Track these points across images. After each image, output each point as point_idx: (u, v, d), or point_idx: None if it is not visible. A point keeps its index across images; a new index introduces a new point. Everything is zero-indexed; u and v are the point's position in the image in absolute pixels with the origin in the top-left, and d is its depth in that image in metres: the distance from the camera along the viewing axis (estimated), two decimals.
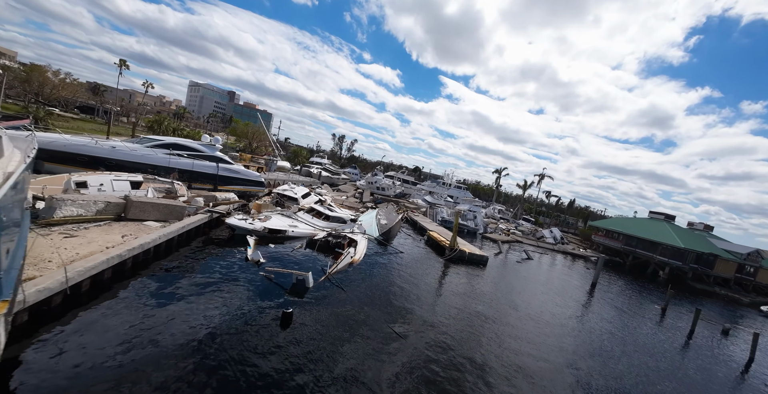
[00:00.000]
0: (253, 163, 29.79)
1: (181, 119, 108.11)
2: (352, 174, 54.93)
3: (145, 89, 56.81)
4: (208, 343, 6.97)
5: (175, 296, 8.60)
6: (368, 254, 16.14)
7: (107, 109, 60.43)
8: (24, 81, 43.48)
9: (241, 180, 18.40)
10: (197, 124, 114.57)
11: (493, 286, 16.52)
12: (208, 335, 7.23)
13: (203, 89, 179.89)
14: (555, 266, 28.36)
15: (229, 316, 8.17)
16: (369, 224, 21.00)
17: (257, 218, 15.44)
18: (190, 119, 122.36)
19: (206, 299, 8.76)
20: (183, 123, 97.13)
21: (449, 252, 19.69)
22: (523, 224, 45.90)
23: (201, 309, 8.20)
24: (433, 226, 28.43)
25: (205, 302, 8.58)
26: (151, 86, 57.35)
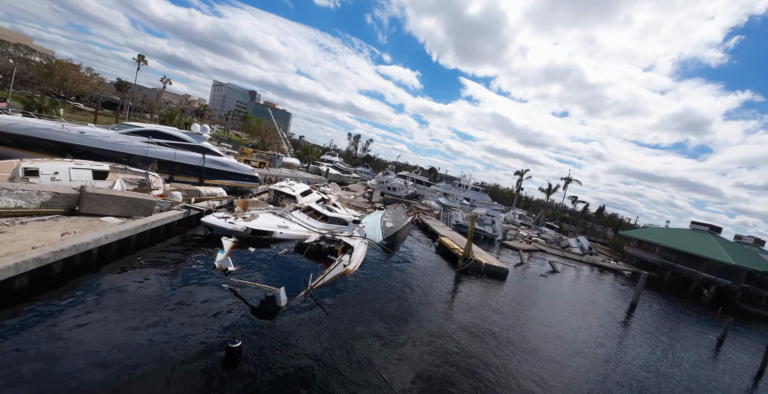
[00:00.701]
0: (255, 158, 28.20)
1: (201, 117, 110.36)
2: (363, 173, 52.85)
3: (163, 85, 57.14)
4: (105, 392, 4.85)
5: (98, 314, 6.58)
6: (367, 262, 13.82)
7: (130, 105, 61.55)
8: (46, 75, 44.29)
9: (231, 174, 16.55)
10: (217, 121, 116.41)
11: (515, 306, 13.77)
12: (112, 377, 5.11)
13: (226, 89, 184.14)
14: (584, 280, 24.97)
15: (159, 347, 6.05)
16: (372, 226, 18.69)
17: (241, 216, 13.45)
18: (212, 117, 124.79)
19: (138, 321, 6.69)
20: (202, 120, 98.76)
21: (462, 262, 17.05)
22: (547, 231, 42.19)
23: (124, 336, 6.13)
24: (446, 230, 25.76)
25: (135, 326, 6.52)
26: (169, 82, 57.62)
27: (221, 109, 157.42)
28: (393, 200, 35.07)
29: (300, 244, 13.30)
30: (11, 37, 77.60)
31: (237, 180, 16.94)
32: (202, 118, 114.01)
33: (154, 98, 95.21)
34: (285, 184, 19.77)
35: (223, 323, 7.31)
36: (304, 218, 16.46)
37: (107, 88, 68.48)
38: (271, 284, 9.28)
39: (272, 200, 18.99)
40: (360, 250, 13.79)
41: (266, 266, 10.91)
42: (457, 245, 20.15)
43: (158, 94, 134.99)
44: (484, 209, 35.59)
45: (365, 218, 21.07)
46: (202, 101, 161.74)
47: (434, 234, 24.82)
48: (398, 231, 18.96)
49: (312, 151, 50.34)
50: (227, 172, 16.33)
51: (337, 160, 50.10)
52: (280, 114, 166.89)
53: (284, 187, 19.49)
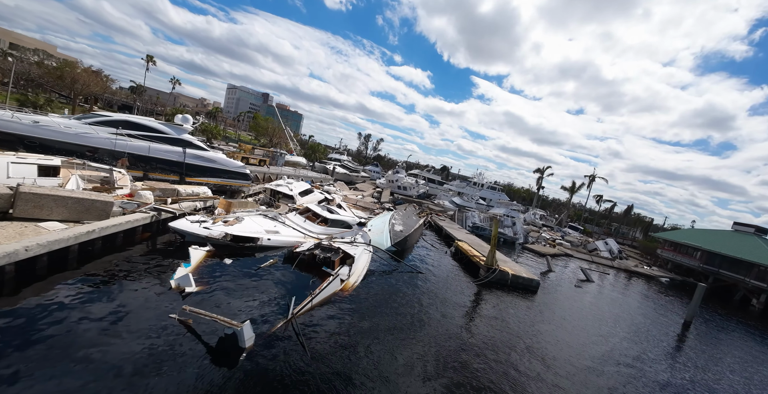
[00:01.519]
0: (254, 156, 26.24)
1: (214, 118, 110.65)
2: (372, 172, 50.45)
3: (173, 85, 56.46)
4: None
5: None
6: (371, 274, 11.35)
7: (146, 108, 61.54)
8: (58, 77, 43.99)
9: (218, 171, 14.42)
10: (231, 123, 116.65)
11: (553, 329, 11.00)
12: None
13: (239, 91, 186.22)
14: (621, 290, 21.70)
15: None
16: (379, 230, 16.20)
17: (222, 219, 11.23)
18: (225, 119, 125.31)
19: (27, 377, 4.43)
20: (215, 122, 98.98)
21: (485, 273, 14.34)
22: (570, 233, 38.64)
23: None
24: (462, 233, 23.01)
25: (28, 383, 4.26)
26: (178, 83, 56.94)
27: (235, 111, 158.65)
28: (403, 200, 32.51)
29: (290, 253, 10.96)
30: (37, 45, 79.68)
31: (225, 178, 14.81)
32: (216, 120, 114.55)
33: (170, 102, 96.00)
34: (282, 183, 17.57)
35: (161, 373, 4.99)
36: (299, 220, 14.16)
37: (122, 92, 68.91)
38: (239, 313, 6.94)
39: (268, 200, 16.80)
40: (362, 260, 11.33)
41: (242, 283, 8.59)
42: (476, 251, 17.42)
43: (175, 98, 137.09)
44: (503, 209, 32.54)
45: (372, 220, 18.61)
46: (217, 104, 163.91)
47: (449, 238, 22.14)
48: (409, 235, 16.42)
49: (319, 149, 48.34)
50: (213, 168, 14.21)
51: (345, 158, 47.90)
52: (293, 115, 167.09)
53: (281, 186, 17.29)
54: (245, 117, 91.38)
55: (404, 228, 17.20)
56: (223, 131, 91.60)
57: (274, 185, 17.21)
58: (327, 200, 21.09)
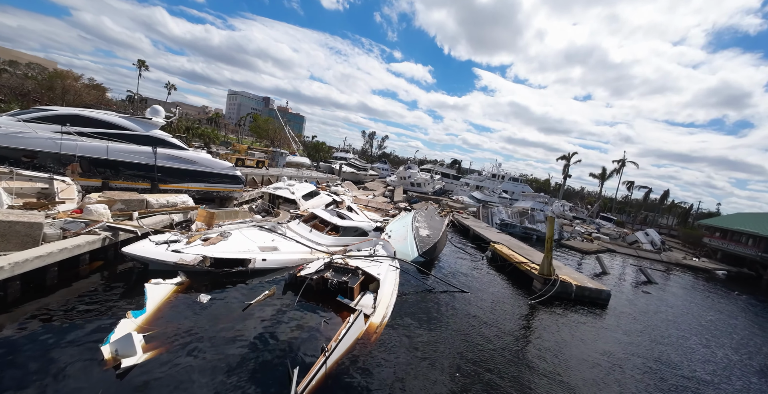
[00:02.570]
0: (250, 157, 23.53)
1: (216, 124, 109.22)
2: (381, 169, 47.53)
3: (168, 91, 54.47)
4: None
5: None
6: (401, 298, 8.47)
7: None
8: (48, 88, 42.28)
9: (201, 174, 11.71)
10: (233, 129, 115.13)
11: (648, 360, 7.93)
12: None
13: (240, 97, 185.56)
14: (690, 290, 18.33)
15: None
16: (402, 236, 13.35)
17: (201, 236, 8.49)
18: (227, 125, 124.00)
19: None
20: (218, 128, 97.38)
21: (542, 286, 11.32)
22: (605, 225, 35.12)
23: None
24: (493, 233, 19.96)
25: None
26: (174, 88, 54.91)
27: (237, 117, 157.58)
28: (418, 198, 29.55)
29: (292, 278, 8.15)
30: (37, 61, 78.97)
31: (210, 182, 12.10)
32: (217, 126, 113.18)
33: (174, 111, 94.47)
34: (282, 185, 14.83)
35: None
36: (304, 231, 11.38)
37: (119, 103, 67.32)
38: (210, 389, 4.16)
39: (266, 207, 14.06)
40: (389, 282, 8.46)
41: (220, 337, 5.79)
42: (520, 255, 14.39)
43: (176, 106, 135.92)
44: (529, 203, 29.32)
45: (390, 224, 15.73)
46: (219, 111, 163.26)
47: (479, 239, 19.12)
48: (438, 241, 13.50)
49: (323, 148, 45.61)
50: (194, 171, 11.50)
51: (351, 156, 45.09)
52: (295, 118, 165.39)
53: (280, 188, 14.54)
54: (246, 121, 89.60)
55: (431, 232, 14.28)
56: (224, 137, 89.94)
57: (272, 189, 14.48)
58: (335, 202, 18.29)
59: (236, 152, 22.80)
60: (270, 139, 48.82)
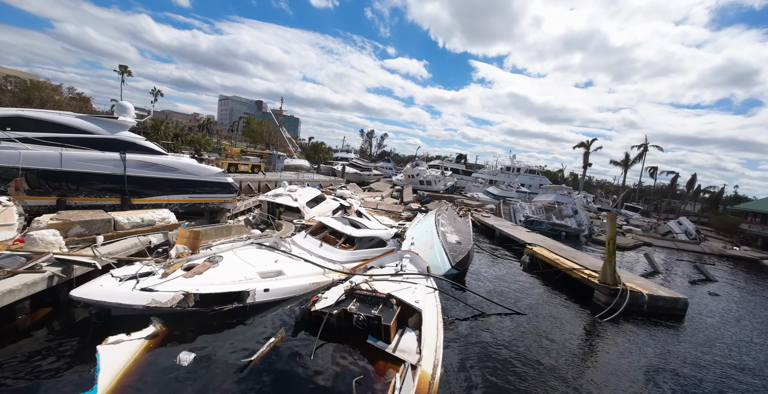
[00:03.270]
0: (244, 161, 21.70)
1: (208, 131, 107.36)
2: (385, 168, 45.70)
3: (154, 97, 52.81)
4: None
5: None
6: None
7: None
8: (25, 101, 40.66)
9: (183, 183, 9.88)
10: (226, 136, 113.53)
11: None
12: None
13: (232, 102, 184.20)
14: (754, 286, 16.42)
15: None
16: (427, 244, 11.56)
17: (183, 264, 6.67)
18: (220, 132, 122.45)
19: None
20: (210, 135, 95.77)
21: (607, 297, 9.48)
22: (632, 216, 33.22)
23: None
24: (522, 232, 18.11)
25: None
26: (160, 94, 53.27)
27: (229, 122, 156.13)
28: (430, 198, 27.70)
29: (305, 313, 6.32)
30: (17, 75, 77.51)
31: (196, 192, 10.26)
32: (209, 132, 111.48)
33: (165, 119, 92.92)
34: (282, 191, 13.01)
35: None
36: (313, 245, 9.57)
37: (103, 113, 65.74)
38: None
39: (265, 218, 12.24)
40: (431, 312, 6.62)
41: None
42: (568, 259, 12.55)
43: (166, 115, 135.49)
44: (551, 196, 27.43)
45: (410, 230, 13.94)
46: (210, 117, 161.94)
47: (507, 240, 17.27)
48: (471, 248, 11.67)
49: (322, 149, 43.80)
50: (175, 180, 9.67)
51: (353, 156, 43.23)
52: (290, 120, 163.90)
53: (281, 195, 12.72)
54: (239, 125, 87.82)
55: (461, 238, 12.45)
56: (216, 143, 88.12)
57: (271, 196, 12.66)
58: (343, 208, 16.49)
59: (228, 157, 21.04)
60: (265, 143, 47.10)
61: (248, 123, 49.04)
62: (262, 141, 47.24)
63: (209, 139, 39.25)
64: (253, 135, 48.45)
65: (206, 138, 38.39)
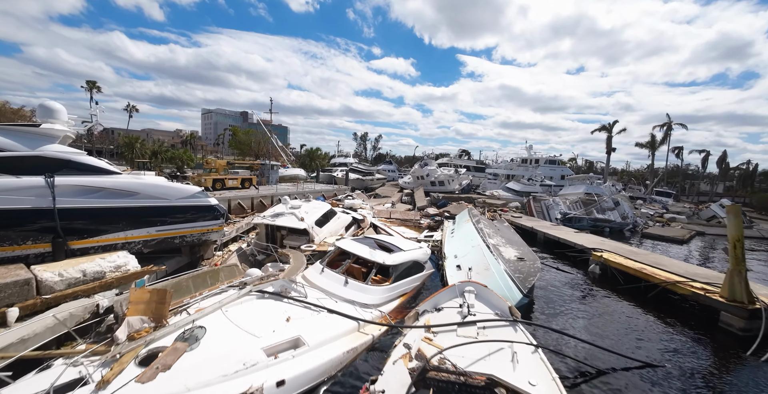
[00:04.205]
0: (232, 175, 18.99)
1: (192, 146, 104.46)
2: (387, 171, 43.26)
3: (129, 114, 50.17)
4: None
5: None
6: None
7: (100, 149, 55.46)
8: None
9: (148, 211, 7.29)
10: (212, 150, 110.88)
11: None
12: None
13: (215, 115, 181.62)
14: None
15: None
16: (480, 264, 9.13)
17: (137, 353, 4.08)
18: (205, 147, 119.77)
19: None
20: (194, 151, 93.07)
21: (744, 322, 7.03)
22: (668, 202, 31.03)
23: None
24: (571, 234, 15.67)
25: None
26: (136, 110, 50.65)
27: (214, 137, 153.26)
28: (446, 199, 25.26)
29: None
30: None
31: (167, 223, 7.68)
32: (194, 148, 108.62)
33: (144, 138, 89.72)
34: (283, 210, 10.46)
35: None
36: (335, 283, 7.10)
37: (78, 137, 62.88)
38: None
39: (264, 246, 9.67)
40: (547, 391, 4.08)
41: None
42: (659, 268, 10.08)
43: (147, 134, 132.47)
44: (581, 188, 25.14)
45: (447, 244, 11.48)
46: (194, 133, 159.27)
47: (556, 245, 14.79)
48: (539, 266, 9.21)
49: (318, 156, 41.26)
50: (135, 209, 7.09)
51: (353, 161, 40.75)
52: (278, 129, 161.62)
53: (282, 215, 10.16)
54: (224, 138, 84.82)
55: (520, 251, 10.02)
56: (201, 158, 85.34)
57: (270, 217, 10.09)
58: (356, 222, 14.01)
59: (212, 172, 18.28)
60: (255, 154, 44.53)
61: (234, 134, 46.37)
62: (251, 152, 44.64)
63: (192, 155, 36.62)
64: (241, 147, 45.83)
65: (189, 153, 35.78)
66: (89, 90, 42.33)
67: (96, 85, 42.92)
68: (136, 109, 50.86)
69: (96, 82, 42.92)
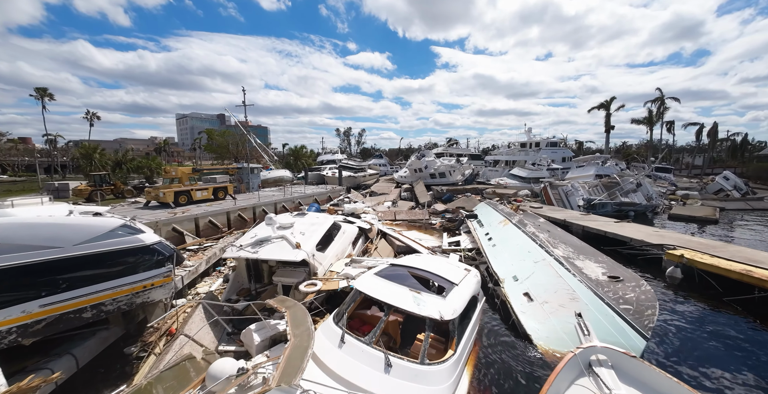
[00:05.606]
0: (202, 185, 15.01)
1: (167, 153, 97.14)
2: (379, 166, 39.94)
3: (89, 121, 44.52)
4: None
5: None
6: None
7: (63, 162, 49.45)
8: None
9: (20, 274, 3.95)
10: (189, 156, 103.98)
11: None
12: None
13: (191, 119, 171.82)
14: None
15: None
16: (561, 291, 6.21)
17: None
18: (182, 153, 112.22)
19: None
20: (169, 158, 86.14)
21: None
22: (671, 178, 29.33)
23: None
24: (615, 225, 13.05)
25: None
26: (96, 117, 45.08)
27: (191, 142, 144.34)
28: (451, 193, 22.40)
29: None
30: None
31: (61, 289, 4.30)
32: (169, 155, 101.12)
33: (113, 149, 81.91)
34: (269, 234, 7.13)
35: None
36: (370, 373, 3.89)
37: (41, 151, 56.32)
38: None
39: (246, 291, 6.41)
40: None
41: None
42: (757, 266, 7.50)
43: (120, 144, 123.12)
44: (591, 169, 22.85)
45: (492, 259, 8.58)
46: (169, 139, 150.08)
47: (600, 239, 12.10)
48: (646, 294, 6.39)
49: (303, 154, 37.32)
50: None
51: (342, 157, 37.15)
52: (257, 130, 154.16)
53: (267, 242, 6.88)
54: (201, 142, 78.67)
55: (607, 266, 7.16)
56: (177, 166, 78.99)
57: (250, 248, 6.77)
58: (363, 233, 10.87)
59: (174, 182, 14.16)
60: (234, 157, 40.13)
61: (210, 136, 41.60)
62: (231, 155, 40.23)
63: (161, 162, 32.16)
64: (219, 150, 41.25)
65: (157, 161, 31.32)
66: (40, 98, 36.66)
67: (48, 93, 37.24)
68: (97, 117, 45.18)
69: (47, 90, 37.22)
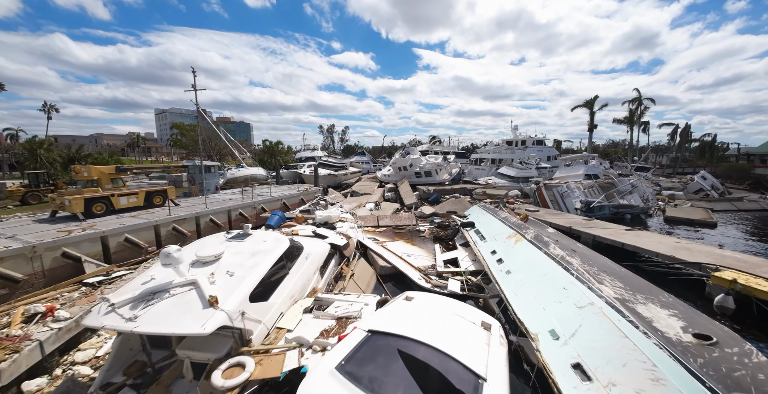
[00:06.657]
0: (131, 190, 11.41)
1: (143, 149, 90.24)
2: (362, 163, 37.15)
3: (47, 114, 39.05)
4: None
5: None
6: None
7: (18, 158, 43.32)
8: None
9: None
10: (167, 152, 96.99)
11: None
12: None
13: (171, 115, 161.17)
14: None
15: None
16: (629, 365, 3.72)
17: None
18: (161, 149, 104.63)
19: None
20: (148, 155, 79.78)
21: None
22: (651, 178, 28.40)
23: None
24: (627, 234, 11.05)
25: None
26: (55, 109, 39.65)
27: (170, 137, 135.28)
28: (438, 193, 20.08)
29: None
30: None
31: None
32: (146, 152, 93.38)
33: (91, 145, 73.72)
34: (171, 280, 4.25)
35: None
36: None
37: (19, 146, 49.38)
38: None
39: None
40: None
41: None
42: None
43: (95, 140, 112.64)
44: (581, 169, 21.20)
45: (511, 296, 6.17)
46: (148, 135, 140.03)
47: (614, 251, 10.05)
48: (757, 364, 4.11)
49: (279, 151, 33.75)
50: None
51: (321, 154, 34.00)
52: (240, 127, 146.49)
53: (164, 296, 4.02)
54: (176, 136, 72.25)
55: (683, 315, 4.80)
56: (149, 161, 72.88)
57: (126, 308, 3.79)
58: (337, 251, 8.23)
59: (88, 185, 10.82)
60: (207, 154, 36.10)
61: (179, 130, 37.18)
62: (204, 151, 36.14)
63: (120, 159, 27.98)
64: (189, 145, 37.06)
65: (115, 157, 27.13)
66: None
67: (2, 86, 31.68)
68: (56, 110, 39.63)
69: (3, 85, 31.66)
